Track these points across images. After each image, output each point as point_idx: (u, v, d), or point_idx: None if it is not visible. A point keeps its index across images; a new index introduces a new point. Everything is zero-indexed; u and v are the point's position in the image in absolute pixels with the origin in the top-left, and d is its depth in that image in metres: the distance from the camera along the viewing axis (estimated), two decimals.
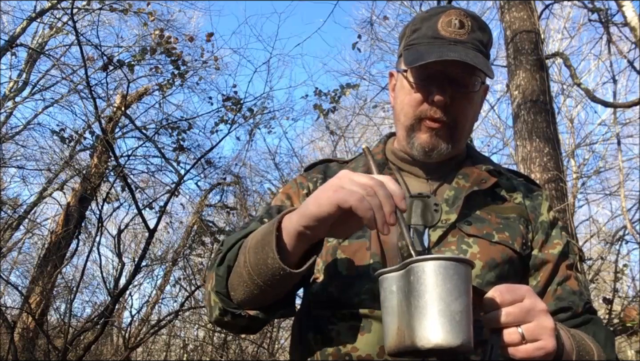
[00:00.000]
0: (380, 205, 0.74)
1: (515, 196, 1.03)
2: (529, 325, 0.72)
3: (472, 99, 1.00)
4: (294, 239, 0.80)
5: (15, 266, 8.78)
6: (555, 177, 4.29)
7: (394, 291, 0.72)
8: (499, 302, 0.73)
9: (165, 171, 7.11)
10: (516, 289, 0.74)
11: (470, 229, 0.94)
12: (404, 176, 1.04)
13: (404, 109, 1.01)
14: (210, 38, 5.77)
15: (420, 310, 0.66)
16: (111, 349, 6.94)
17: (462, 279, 0.67)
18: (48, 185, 8.34)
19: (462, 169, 1.04)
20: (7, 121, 8.48)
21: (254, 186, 7.79)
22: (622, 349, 8.47)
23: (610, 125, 9.50)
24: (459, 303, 0.66)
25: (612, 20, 5.20)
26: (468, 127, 1.03)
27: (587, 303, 0.97)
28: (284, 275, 0.80)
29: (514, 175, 1.10)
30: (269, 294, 0.85)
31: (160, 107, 6.85)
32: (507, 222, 0.98)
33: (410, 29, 1.03)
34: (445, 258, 0.68)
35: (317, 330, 0.93)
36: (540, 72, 4.68)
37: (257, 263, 0.82)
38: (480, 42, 0.99)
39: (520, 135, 4.58)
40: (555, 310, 0.95)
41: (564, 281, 0.98)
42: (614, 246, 6.65)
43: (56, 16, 7.54)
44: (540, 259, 0.98)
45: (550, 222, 1.03)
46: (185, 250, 6.28)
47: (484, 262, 0.91)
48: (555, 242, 1.01)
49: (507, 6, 5.07)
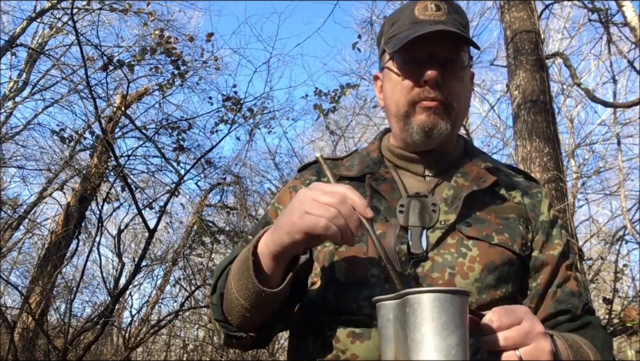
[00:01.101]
0: (345, 224, 0.76)
1: (515, 195, 1.01)
2: (527, 348, 0.72)
3: (462, 77, 0.98)
4: (270, 261, 0.83)
5: (15, 266, 8.78)
6: (555, 177, 4.28)
7: (391, 320, 0.72)
8: (497, 326, 0.72)
9: (165, 171, 7.12)
10: (514, 311, 0.74)
11: (469, 230, 0.92)
12: (401, 173, 1.02)
13: (395, 99, 0.98)
14: (210, 38, 5.77)
15: (416, 343, 0.67)
16: (111, 349, 6.94)
17: (458, 311, 0.67)
18: (48, 185, 8.34)
19: (460, 166, 1.01)
20: (7, 121, 8.48)
21: (254, 186, 7.79)
22: (622, 349, 8.46)
23: (610, 125, 9.50)
24: (454, 337, 0.66)
25: (612, 20, 5.20)
26: (462, 108, 1.00)
27: (586, 303, 0.96)
28: (265, 296, 0.83)
29: (513, 172, 1.08)
30: (260, 315, 0.88)
31: (160, 107, 6.86)
32: (506, 223, 0.95)
33: (389, 24, 1.02)
34: (441, 290, 0.68)
35: (316, 334, 0.92)
36: (540, 72, 4.68)
37: (241, 288, 0.85)
38: (460, 23, 0.98)
39: (520, 135, 4.58)
40: (555, 312, 0.94)
41: (564, 282, 0.96)
42: (614, 246, 6.65)
43: (56, 16, 7.54)
44: (540, 260, 0.96)
45: (551, 221, 1.01)
46: (185, 250, 6.28)
47: (483, 265, 0.89)
48: (555, 242, 0.98)
49: (507, 6, 5.07)
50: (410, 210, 0.93)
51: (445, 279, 0.88)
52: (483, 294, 0.88)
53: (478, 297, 0.88)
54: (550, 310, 0.94)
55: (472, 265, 0.89)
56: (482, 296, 0.88)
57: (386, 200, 0.96)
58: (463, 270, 0.89)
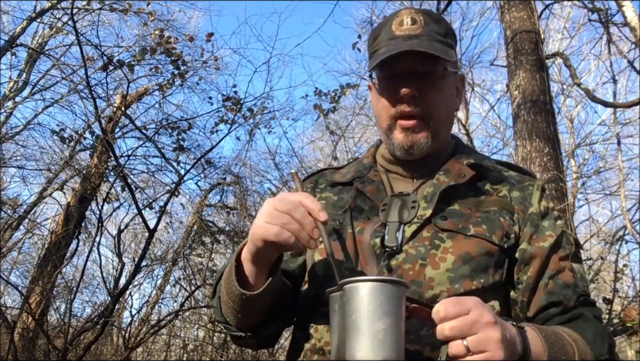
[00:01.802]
0: (299, 228, 0.83)
1: (501, 189, 1.03)
2: (474, 337, 0.73)
3: (441, 87, 1.01)
4: (250, 267, 0.91)
5: (15, 266, 8.77)
6: (555, 177, 4.28)
7: (336, 310, 0.77)
8: (443, 316, 0.74)
9: (165, 171, 7.11)
10: (462, 302, 0.75)
11: (445, 224, 0.95)
12: (391, 176, 1.07)
13: (378, 113, 1.05)
14: (210, 38, 5.77)
15: (349, 329, 0.72)
16: (111, 349, 6.94)
17: (388, 300, 0.72)
18: (48, 185, 8.33)
19: (446, 164, 1.04)
20: (7, 121, 8.48)
21: (254, 186, 7.79)
22: (622, 349, 8.46)
23: (610, 125, 9.50)
24: (381, 323, 0.70)
25: (612, 20, 5.20)
26: (444, 117, 1.04)
27: (582, 295, 0.96)
28: (247, 299, 0.91)
29: (506, 167, 1.09)
30: (249, 316, 0.96)
31: (160, 107, 6.85)
32: (487, 215, 0.98)
33: (371, 38, 1.07)
34: (373, 279, 0.73)
35: (303, 328, 0.98)
36: (540, 72, 4.68)
37: (229, 292, 0.94)
38: (437, 33, 1.01)
39: (520, 135, 4.58)
40: (546, 304, 0.95)
41: (557, 274, 0.97)
42: (614, 246, 6.65)
43: (56, 16, 7.54)
44: (529, 253, 0.97)
45: (541, 213, 1.01)
46: (185, 250, 6.28)
47: (456, 256, 0.92)
48: (547, 234, 0.99)
49: (507, 6, 5.07)
50: (391, 208, 0.99)
51: (415, 270, 0.92)
52: (456, 284, 0.91)
53: (450, 286, 0.90)
54: (542, 302, 0.96)
55: (445, 256, 0.92)
56: (454, 286, 0.91)
57: (371, 200, 1.02)
58: (434, 261, 0.92)
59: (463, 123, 10.54)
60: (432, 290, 0.90)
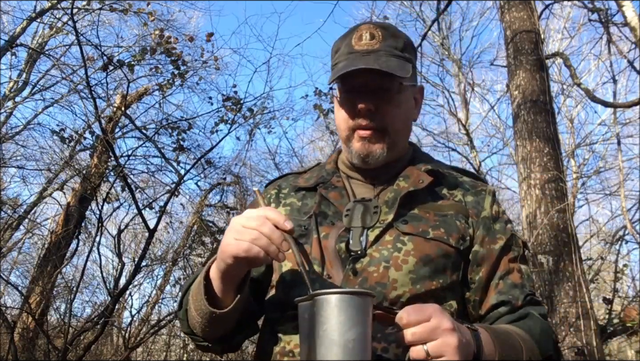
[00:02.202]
0: (268, 242, 0.86)
1: (456, 194, 1.08)
2: (433, 343, 0.78)
3: (397, 101, 1.05)
4: (219, 284, 0.95)
5: (15, 266, 8.77)
6: (555, 177, 4.28)
7: (306, 319, 0.81)
8: (406, 323, 0.79)
9: (165, 171, 7.11)
10: (423, 309, 0.80)
11: (406, 227, 1.00)
12: (352, 183, 1.11)
13: (338, 124, 1.09)
14: (210, 38, 5.76)
15: (320, 339, 0.76)
16: (111, 349, 6.94)
17: (357, 310, 0.76)
18: (48, 185, 8.34)
19: (405, 170, 1.09)
20: (7, 121, 8.48)
21: (254, 186, 7.78)
22: (622, 349, 8.46)
23: (610, 125, 9.50)
24: (352, 333, 0.74)
25: (612, 20, 5.20)
26: (401, 129, 1.08)
27: (529, 294, 1.02)
28: (216, 316, 0.94)
29: (460, 173, 1.15)
30: (217, 329, 0.99)
31: (160, 107, 6.86)
32: (444, 219, 1.03)
33: (333, 51, 1.11)
34: (343, 291, 0.77)
35: (271, 331, 1.02)
36: (540, 72, 4.68)
37: (197, 308, 0.97)
38: (395, 47, 1.05)
39: (520, 135, 4.58)
40: (496, 303, 1.01)
41: (507, 274, 1.03)
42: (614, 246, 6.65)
43: (56, 16, 7.54)
44: (481, 254, 1.03)
45: (493, 217, 1.07)
46: (185, 250, 6.28)
47: (417, 258, 0.97)
48: (498, 237, 1.05)
49: (507, 6, 5.07)
50: (354, 213, 1.03)
51: (380, 272, 0.96)
52: (417, 284, 0.96)
53: (412, 287, 0.95)
54: (492, 301, 1.02)
55: (407, 258, 0.97)
56: (416, 286, 0.95)
57: (334, 206, 1.05)
58: (397, 263, 0.96)
59: (463, 123, 10.54)
60: (395, 291, 0.95)
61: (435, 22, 7.76)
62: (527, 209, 4.32)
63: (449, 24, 11.38)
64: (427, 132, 11.18)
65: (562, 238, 4.05)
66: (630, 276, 6.94)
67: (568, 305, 3.82)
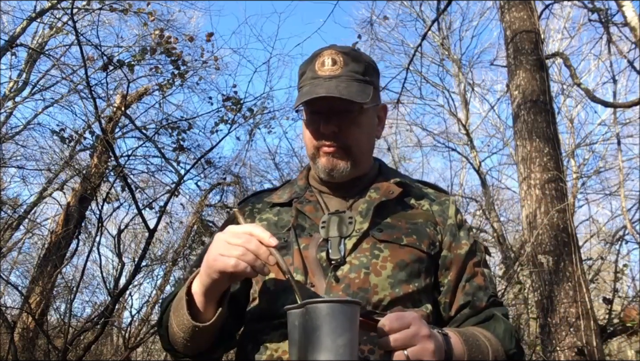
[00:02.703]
0: (254, 258, 0.90)
1: (423, 203, 1.17)
2: (414, 348, 0.85)
3: (359, 122, 1.11)
4: (201, 299, 0.98)
5: (15, 266, 8.77)
6: (555, 177, 4.28)
7: (296, 326, 0.85)
8: (388, 329, 0.85)
9: (165, 171, 7.11)
10: (404, 317, 0.86)
11: (381, 235, 1.07)
12: (324, 196, 1.17)
13: (305, 142, 1.17)
14: (210, 38, 5.76)
15: (312, 345, 0.81)
16: (111, 349, 6.94)
17: (347, 318, 0.81)
18: (48, 185, 8.34)
19: (375, 183, 1.16)
20: (7, 121, 8.48)
21: (254, 186, 7.80)
22: (622, 349, 8.45)
23: (610, 125, 9.50)
24: (343, 338, 0.80)
25: (612, 20, 5.21)
26: (365, 147, 1.15)
27: (492, 296, 1.11)
28: (199, 330, 0.97)
29: (423, 185, 1.24)
30: (198, 344, 1.02)
31: (160, 107, 6.86)
32: (415, 226, 1.11)
33: (299, 74, 1.18)
34: (333, 300, 0.82)
35: (255, 341, 1.06)
36: (540, 72, 4.68)
37: (179, 323, 1.00)
38: (356, 72, 1.11)
39: (520, 135, 4.58)
40: (463, 304, 1.10)
41: (472, 278, 1.11)
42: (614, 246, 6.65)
43: (56, 16, 7.54)
44: (449, 259, 1.12)
45: (458, 224, 1.16)
46: (185, 250, 6.28)
47: (394, 264, 1.04)
48: (462, 242, 1.13)
49: (507, 6, 5.07)
50: (330, 224, 1.08)
51: (361, 278, 1.02)
52: (396, 288, 1.02)
53: (391, 291, 1.02)
54: (460, 302, 1.10)
55: (385, 264, 1.04)
56: (395, 290, 1.02)
57: (310, 219, 1.11)
58: (376, 269, 1.03)
59: (463, 123, 10.54)
60: (377, 295, 1.01)
61: (435, 22, 7.76)
62: (527, 209, 4.32)
63: (449, 24, 11.39)
64: (427, 132, 11.19)
65: (562, 238, 4.05)
66: (630, 276, 6.94)
67: (568, 305, 3.82)
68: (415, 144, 10.92)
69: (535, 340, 4.04)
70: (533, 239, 4.13)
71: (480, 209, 9.08)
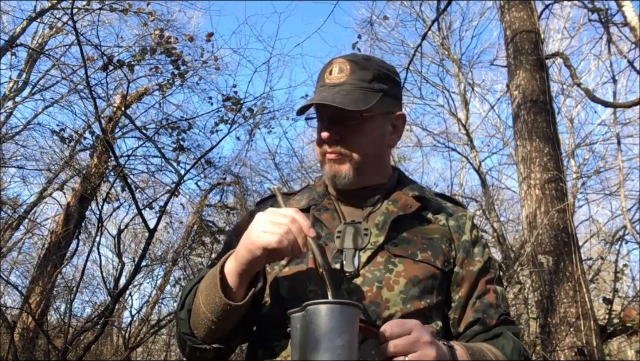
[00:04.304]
0: (294, 239, 0.92)
1: (440, 218, 1.15)
2: (414, 355, 0.84)
3: (362, 129, 1.10)
4: (235, 279, 0.99)
5: (15, 266, 8.78)
6: (555, 177, 4.28)
7: (298, 329, 0.87)
8: (389, 335, 0.85)
9: (165, 171, 7.11)
10: (405, 324, 0.87)
11: (396, 250, 1.06)
12: (341, 204, 1.16)
13: (315, 149, 1.18)
14: (210, 38, 5.76)
15: (312, 345, 0.82)
16: (111, 349, 6.94)
17: (345, 319, 0.82)
18: (48, 185, 8.34)
19: (392, 195, 1.15)
20: (7, 121, 8.48)
21: (254, 186, 7.80)
22: (622, 349, 8.45)
23: (610, 125, 9.51)
24: (340, 339, 0.81)
25: (612, 20, 5.21)
26: (370, 154, 1.13)
27: (503, 314, 1.09)
28: (230, 309, 0.98)
29: (442, 199, 1.23)
30: (224, 327, 1.02)
31: (160, 107, 6.85)
32: (430, 242, 1.10)
33: (317, 79, 1.20)
34: (332, 302, 0.84)
35: (265, 346, 1.06)
36: (540, 72, 4.68)
37: (209, 302, 1.00)
38: (363, 80, 1.11)
39: (520, 135, 4.58)
40: (473, 320, 1.08)
41: (483, 295, 1.10)
42: (614, 246, 6.65)
43: (56, 16, 7.54)
44: (461, 275, 1.11)
45: (472, 241, 1.14)
46: (185, 250, 6.27)
47: (407, 279, 1.03)
48: (476, 259, 1.12)
49: (507, 6, 5.07)
50: (345, 235, 1.08)
51: (373, 292, 1.02)
52: (408, 304, 1.02)
53: (403, 306, 1.01)
54: (469, 319, 1.08)
55: (398, 279, 1.03)
56: (406, 305, 1.02)
57: (327, 227, 1.11)
58: (389, 283, 1.03)
59: (463, 123, 10.54)
60: (388, 310, 1.01)
61: (435, 22, 7.77)
62: (527, 209, 4.32)
63: (449, 24, 11.39)
64: (427, 132, 11.19)
65: (562, 238, 4.05)
66: (630, 276, 6.94)
67: (568, 305, 3.82)
68: (415, 144, 10.92)
69: (535, 340, 4.04)
70: (533, 239, 4.13)
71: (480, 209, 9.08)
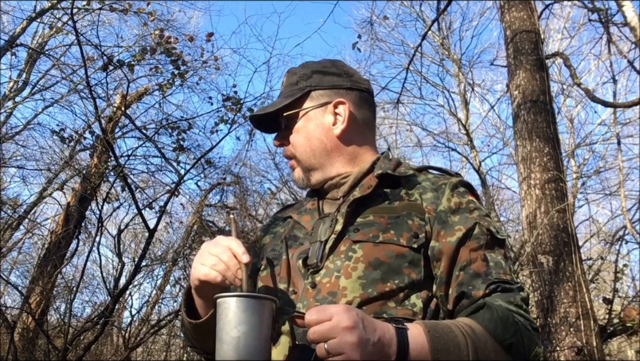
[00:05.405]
0: (226, 268, 0.95)
1: (413, 193, 1.09)
2: (332, 341, 0.82)
3: (297, 128, 1.17)
4: (198, 300, 1.05)
5: (15, 266, 8.78)
6: (555, 177, 4.28)
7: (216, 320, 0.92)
8: (307, 322, 0.84)
9: (165, 171, 7.12)
10: (324, 310, 0.84)
11: (356, 235, 1.04)
12: (322, 202, 1.19)
13: None
14: (210, 38, 5.76)
15: (216, 336, 0.88)
16: (111, 349, 6.94)
17: (241, 311, 0.86)
18: (48, 185, 8.34)
19: (363, 180, 1.14)
20: (7, 121, 8.48)
21: (254, 186, 7.81)
22: (622, 349, 8.45)
23: (610, 125, 9.50)
24: (236, 330, 0.85)
25: (612, 20, 5.20)
26: (311, 150, 1.16)
27: (494, 282, 0.97)
28: (195, 326, 1.05)
29: (429, 171, 1.16)
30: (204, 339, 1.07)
31: (160, 107, 6.86)
32: (395, 220, 1.05)
33: None
34: (227, 295, 0.88)
35: None
36: (540, 72, 4.68)
37: (182, 321, 1.10)
38: (290, 85, 1.19)
39: (520, 135, 4.58)
40: (458, 295, 0.98)
41: (468, 265, 0.99)
42: (614, 246, 6.65)
43: (56, 16, 7.54)
44: (437, 249, 1.02)
45: (451, 209, 1.05)
46: (185, 250, 6.28)
47: (366, 263, 1.00)
48: (456, 228, 1.02)
49: (507, 6, 5.07)
50: (317, 229, 1.10)
51: (332, 282, 1.00)
52: (369, 288, 0.98)
53: (363, 292, 0.98)
54: (454, 294, 0.99)
55: (356, 265, 1.01)
56: (367, 290, 0.98)
57: (305, 228, 1.13)
58: (347, 271, 1.00)
59: (463, 123, 10.54)
60: (345, 298, 0.98)
61: (435, 22, 7.77)
62: (527, 209, 4.32)
63: (449, 24, 11.39)
64: (427, 132, 11.19)
65: (562, 238, 4.05)
66: (630, 276, 6.94)
67: (568, 305, 3.82)
68: (415, 144, 10.93)
69: None
70: (533, 239, 4.13)
71: None
